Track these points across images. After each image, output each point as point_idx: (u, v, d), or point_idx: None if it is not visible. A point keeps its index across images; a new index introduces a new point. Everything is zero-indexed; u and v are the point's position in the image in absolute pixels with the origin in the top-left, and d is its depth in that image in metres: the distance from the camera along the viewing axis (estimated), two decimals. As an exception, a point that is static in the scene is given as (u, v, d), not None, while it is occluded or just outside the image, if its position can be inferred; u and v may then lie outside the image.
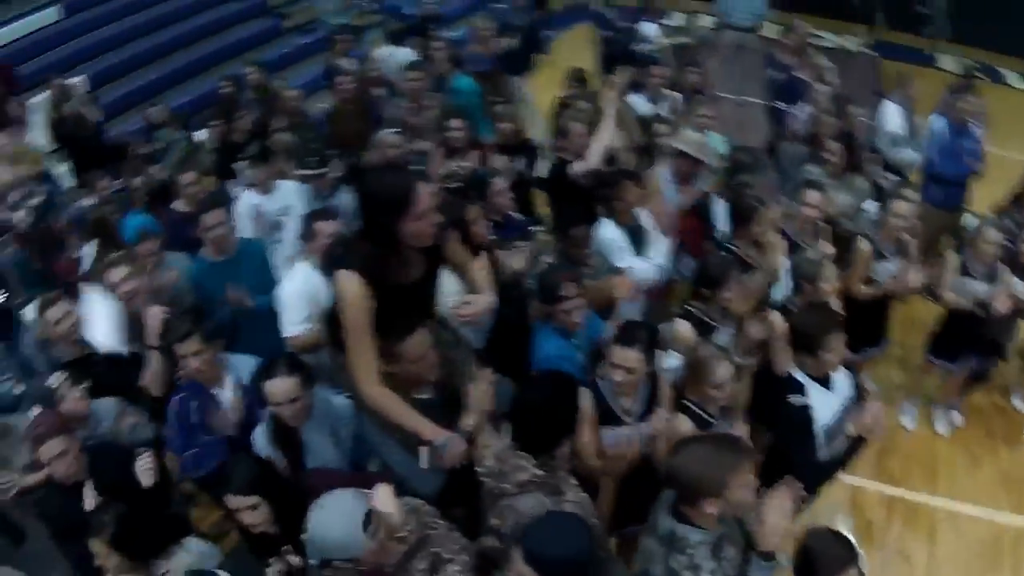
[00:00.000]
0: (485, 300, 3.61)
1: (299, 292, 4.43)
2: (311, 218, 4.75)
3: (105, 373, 4.46)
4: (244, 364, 4.19)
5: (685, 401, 3.83)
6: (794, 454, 3.79)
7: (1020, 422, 6.29)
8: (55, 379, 4.15)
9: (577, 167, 5.36)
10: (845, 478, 5.44)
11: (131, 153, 7.50)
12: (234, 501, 3.27)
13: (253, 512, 3.26)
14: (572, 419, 3.19)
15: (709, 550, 2.82)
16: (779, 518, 2.81)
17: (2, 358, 5.40)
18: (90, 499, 3.76)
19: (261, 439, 3.76)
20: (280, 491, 3.33)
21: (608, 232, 4.97)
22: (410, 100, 7.10)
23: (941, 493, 5.70)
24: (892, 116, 7.05)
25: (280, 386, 3.55)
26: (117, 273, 4.70)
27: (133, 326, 4.65)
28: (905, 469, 5.88)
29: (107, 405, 4.33)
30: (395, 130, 6.34)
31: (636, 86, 7.11)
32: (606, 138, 5.40)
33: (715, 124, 6.56)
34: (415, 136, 6.39)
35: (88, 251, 5.92)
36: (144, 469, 3.84)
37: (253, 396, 3.99)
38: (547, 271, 4.38)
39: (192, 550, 3.58)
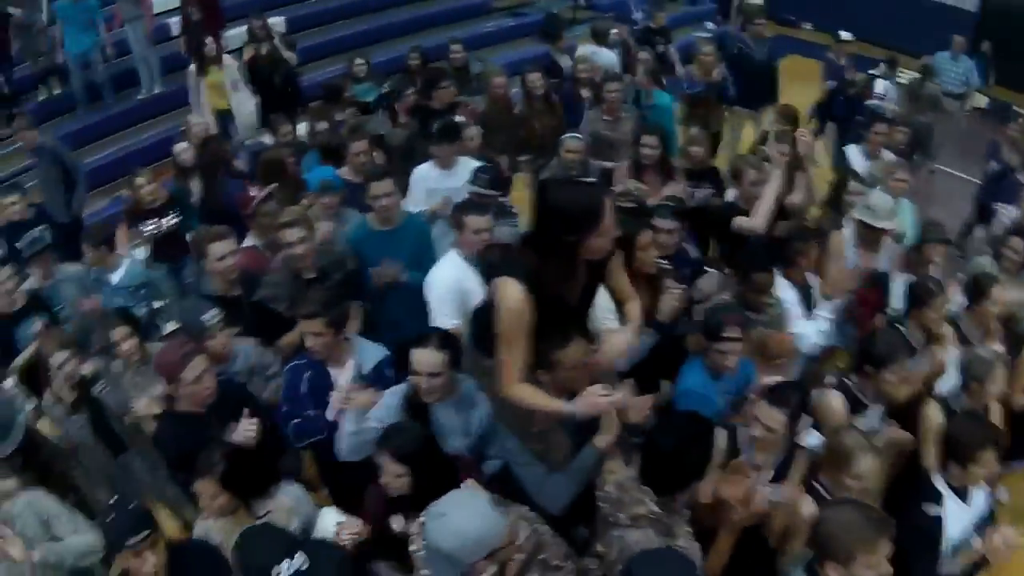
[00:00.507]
0: (622, 340, 3.49)
1: (448, 284, 4.47)
2: (460, 210, 4.68)
3: (252, 318, 4.62)
4: (371, 353, 4.22)
5: (815, 482, 3.71)
6: (914, 565, 3.62)
7: None
8: (211, 316, 4.24)
9: (743, 223, 5.22)
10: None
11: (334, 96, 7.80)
12: (386, 464, 3.32)
13: (397, 479, 3.32)
14: (703, 466, 3.16)
15: None
16: None
17: (161, 280, 5.86)
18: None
19: (380, 411, 3.81)
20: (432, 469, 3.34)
21: (782, 291, 4.83)
22: (607, 111, 7.10)
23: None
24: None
25: (427, 357, 3.61)
26: (293, 234, 4.77)
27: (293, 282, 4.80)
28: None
29: (246, 348, 4.48)
30: (578, 135, 6.40)
31: (857, 138, 6.94)
32: (771, 197, 5.19)
33: (913, 191, 6.32)
34: (606, 147, 6.37)
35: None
36: (244, 431, 3.82)
37: (372, 384, 4.01)
38: (717, 308, 4.30)
39: (291, 493, 3.64)
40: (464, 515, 2.54)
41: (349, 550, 3.21)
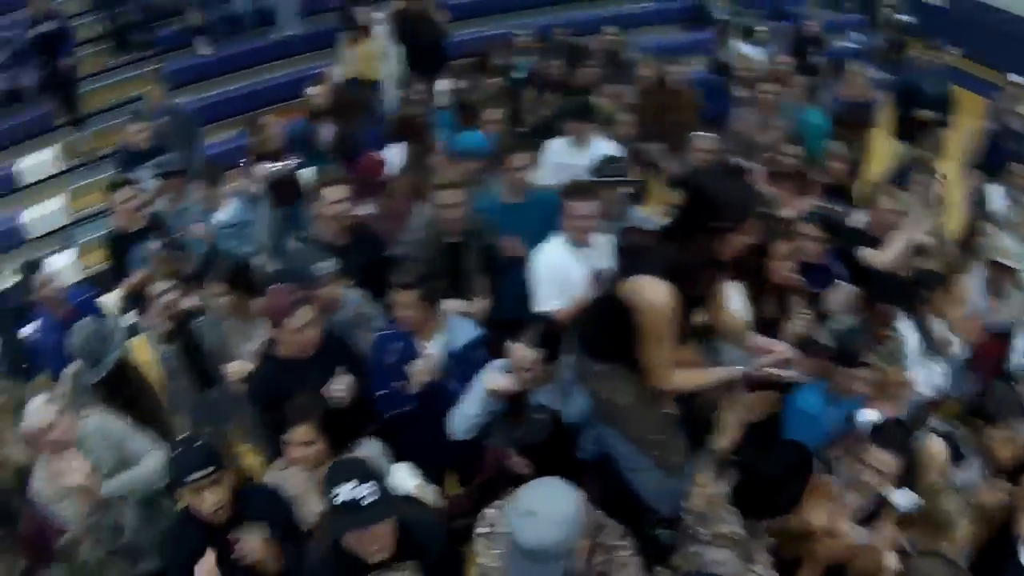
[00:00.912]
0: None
1: (551, 267, 4.43)
2: (566, 194, 4.51)
3: (361, 268, 4.62)
4: (463, 332, 4.14)
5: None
6: None
7: None
8: (326, 266, 4.25)
9: (868, 256, 5.01)
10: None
11: (483, 61, 7.80)
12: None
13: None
14: (799, 497, 3.12)
15: None
16: None
17: (274, 222, 5.97)
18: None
19: (466, 407, 3.85)
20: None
21: (906, 331, 4.68)
22: (760, 111, 6.96)
23: None
24: None
25: (520, 352, 3.64)
26: (451, 196, 4.66)
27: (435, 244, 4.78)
28: None
29: (352, 296, 4.49)
30: (711, 135, 6.30)
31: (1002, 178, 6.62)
32: (908, 236, 5.00)
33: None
34: (746, 148, 6.26)
35: (395, 151, 6.19)
36: (336, 390, 3.82)
37: (458, 364, 4.02)
38: (854, 331, 4.20)
39: (368, 448, 3.71)
40: (555, 503, 2.41)
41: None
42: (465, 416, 3.81)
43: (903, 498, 3.69)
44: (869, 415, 3.76)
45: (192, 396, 4.60)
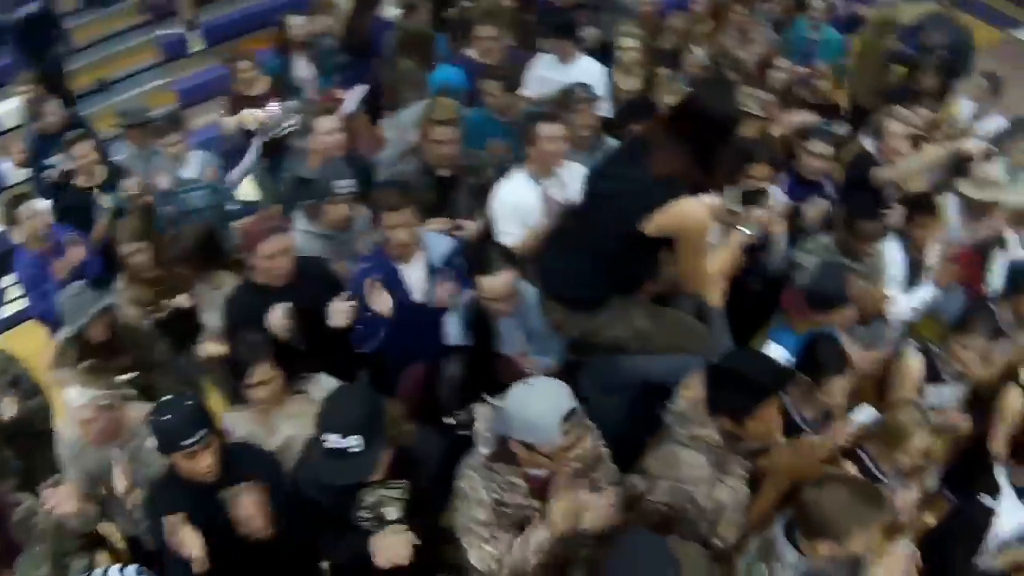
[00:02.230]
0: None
1: (512, 202, 4.37)
2: (532, 118, 4.40)
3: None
4: (439, 245, 4.11)
5: (860, 450, 3.62)
6: (954, 550, 3.60)
7: None
8: (346, 184, 4.23)
9: (886, 173, 4.98)
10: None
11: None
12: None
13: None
14: (764, 394, 2.98)
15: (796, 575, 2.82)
16: None
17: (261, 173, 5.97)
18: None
19: (453, 327, 3.83)
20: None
21: (893, 253, 4.68)
22: (735, 30, 6.79)
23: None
24: None
25: (496, 283, 3.61)
26: (443, 133, 4.57)
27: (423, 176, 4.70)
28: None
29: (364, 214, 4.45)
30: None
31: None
32: (926, 158, 4.99)
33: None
34: (728, 65, 6.16)
35: (355, 94, 6.04)
36: (337, 310, 3.78)
37: (440, 278, 3.98)
38: (831, 271, 4.16)
39: (323, 384, 3.65)
40: (542, 391, 2.68)
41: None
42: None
43: (862, 414, 3.73)
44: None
45: (169, 354, 4.55)
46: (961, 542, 3.59)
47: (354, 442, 2.65)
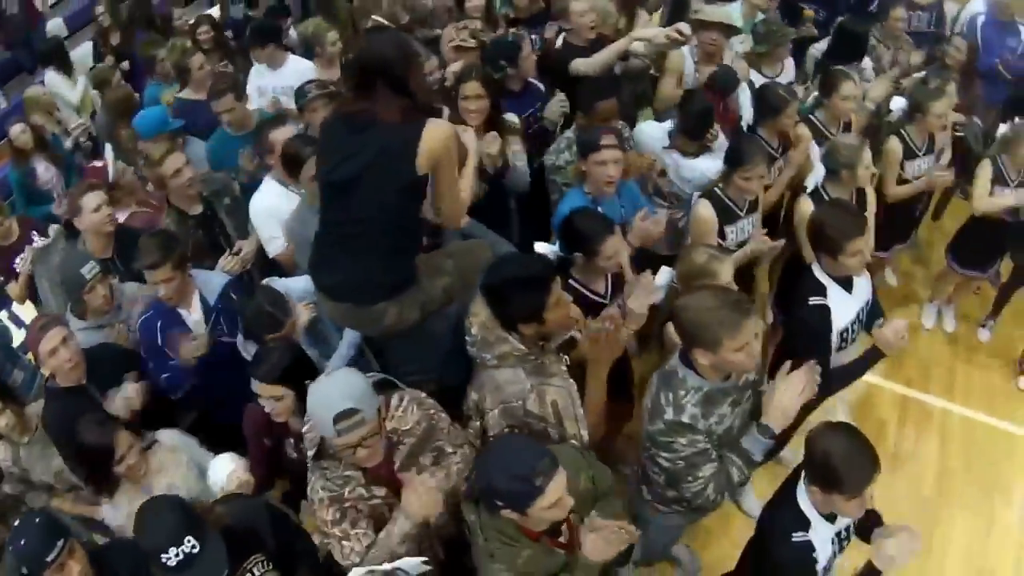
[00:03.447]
0: None
1: (266, 210, 4.28)
2: (266, 127, 4.43)
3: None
4: (213, 282, 4.06)
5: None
6: (807, 355, 3.65)
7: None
8: (88, 269, 3.98)
9: (581, 66, 4.97)
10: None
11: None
12: (259, 388, 3.21)
13: (275, 403, 3.21)
14: (543, 285, 2.90)
15: (700, 398, 2.88)
16: (788, 398, 2.88)
17: None
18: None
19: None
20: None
21: (651, 128, 4.78)
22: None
23: (957, 400, 5.63)
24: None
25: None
26: (174, 162, 4.41)
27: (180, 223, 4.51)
28: (922, 373, 5.82)
29: (130, 289, 4.24)
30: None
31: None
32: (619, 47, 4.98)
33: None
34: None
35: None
36: (121, 398, 3.74)
37: (221, 315, 3.94)
38: (588, 131, 4.16)
39: (164, 436, 3.59)
40: (328, 385, 2.68)
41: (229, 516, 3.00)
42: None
43: (662, 277, 3.76)
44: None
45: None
46: (811, 347, 3.55)
47: (190, 544, 2.55)
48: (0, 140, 6.55)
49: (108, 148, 5.85)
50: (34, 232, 5.06)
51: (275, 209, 4.23)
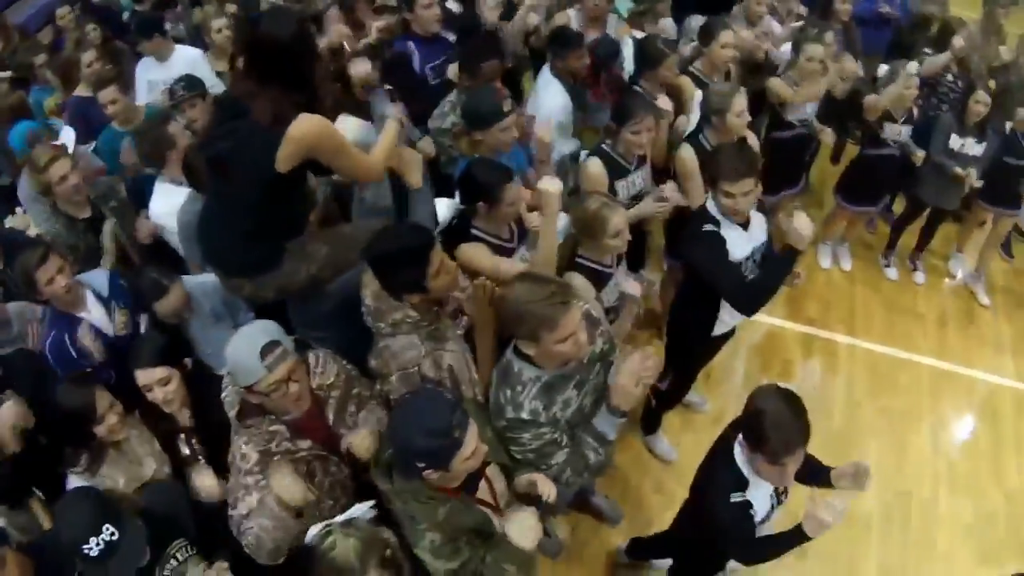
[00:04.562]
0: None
1: (168, 212, 4.22)
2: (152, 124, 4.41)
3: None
4: (97, 278, 3.96)
5: (578, 259, 3.71)
6: (718, 282, 3.75)
7: (941, 270, 6.48)
8: None
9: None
10: (763, 318, 5.51)
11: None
12: (143, 376, 3.20)
13: (165, 387, 3.21)
14: (422, 263, 2.93)
15: (539, 389, 2.80)
16: (631, 379, 2.78)
17: None
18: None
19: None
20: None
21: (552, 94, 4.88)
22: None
23: (859, 335, 5.84)
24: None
25: (174, 300, 3.58)
26: (60, 168, 4.25)
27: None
28: (823, 311, 6.02)
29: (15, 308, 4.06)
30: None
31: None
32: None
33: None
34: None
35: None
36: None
37: (118, 302, 3.88)
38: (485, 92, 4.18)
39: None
40: (244, 332, 2.75)
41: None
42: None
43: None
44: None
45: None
46: (715, 271, 3.73)
47: (109, 532, 2.59)
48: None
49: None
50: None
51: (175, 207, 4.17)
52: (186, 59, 5.69)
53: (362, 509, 2.55)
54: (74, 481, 3.27)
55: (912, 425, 5.19)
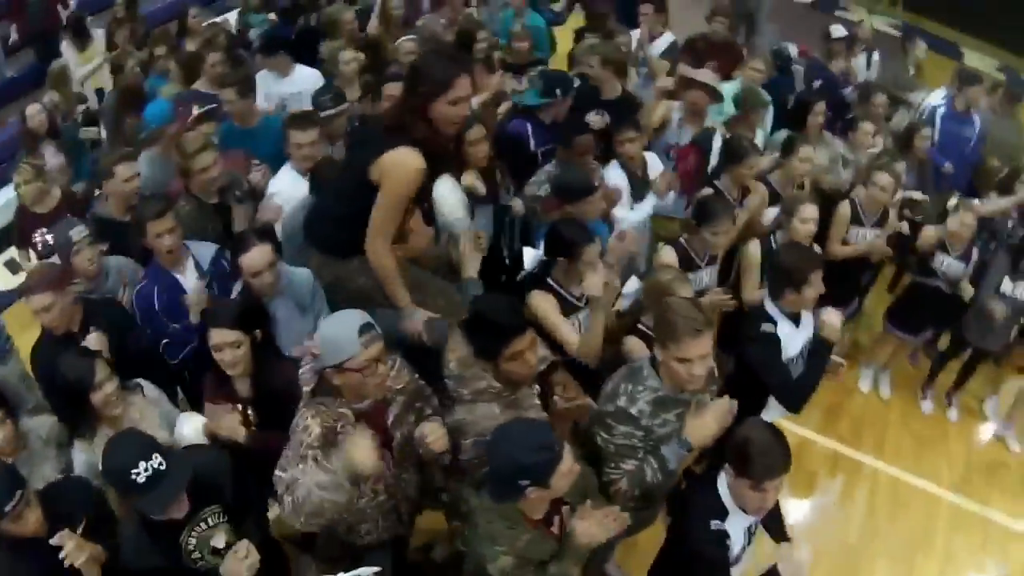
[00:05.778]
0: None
1: (282, 195, 4.54)
2: (288, 124, 4.71)
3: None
4: (204, 250, 4.22)
5: (640, 326, 3.94)
6: (767, 375, 3.95)
7: (975, 411, 6.53)
8: (78, 232, 4.12)
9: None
10: (795, 428, 5.65)
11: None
12: (217, 336, 3.37)
13: (235, 350, 3.38)
14: (514, 331, 3.11)
15: (653, 399, 3.15)
16: (708, 420, 3.09)
17: None
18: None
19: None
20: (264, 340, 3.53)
21: (612, 170, 5.11)
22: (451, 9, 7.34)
23: (886, 459, 5.92)
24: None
25: (257, 255, 3.76)
26: (205, 159, 4.49)
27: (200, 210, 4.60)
28: (855, 431, 6.12)
29: (115, 262, 4.37)
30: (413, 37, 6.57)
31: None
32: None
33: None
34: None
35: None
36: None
37: (214, 278, 4.12)
38: (575, 168, 4.55)
39: (146, 388, 3.65)
40: (342, 314, 2.98)
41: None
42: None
43: (631, 285, 4.18)
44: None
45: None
46: (768, 365, 3.94)
47: (158, 460, 2.71)
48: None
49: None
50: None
51: (287, 194, 4.51)
52: (305, 77, 6.05)
53: (368, 572, 2.77)
54: (78, 454, 3.44)
55: (925, 552, 5.24)
